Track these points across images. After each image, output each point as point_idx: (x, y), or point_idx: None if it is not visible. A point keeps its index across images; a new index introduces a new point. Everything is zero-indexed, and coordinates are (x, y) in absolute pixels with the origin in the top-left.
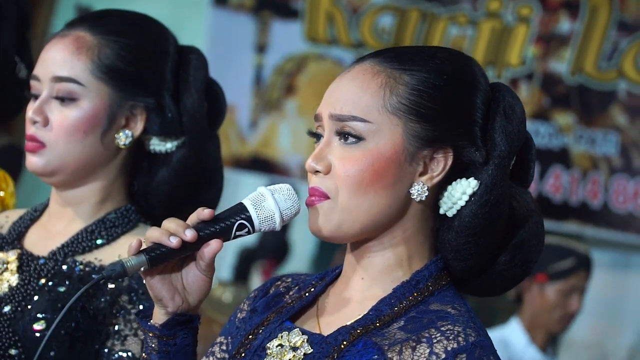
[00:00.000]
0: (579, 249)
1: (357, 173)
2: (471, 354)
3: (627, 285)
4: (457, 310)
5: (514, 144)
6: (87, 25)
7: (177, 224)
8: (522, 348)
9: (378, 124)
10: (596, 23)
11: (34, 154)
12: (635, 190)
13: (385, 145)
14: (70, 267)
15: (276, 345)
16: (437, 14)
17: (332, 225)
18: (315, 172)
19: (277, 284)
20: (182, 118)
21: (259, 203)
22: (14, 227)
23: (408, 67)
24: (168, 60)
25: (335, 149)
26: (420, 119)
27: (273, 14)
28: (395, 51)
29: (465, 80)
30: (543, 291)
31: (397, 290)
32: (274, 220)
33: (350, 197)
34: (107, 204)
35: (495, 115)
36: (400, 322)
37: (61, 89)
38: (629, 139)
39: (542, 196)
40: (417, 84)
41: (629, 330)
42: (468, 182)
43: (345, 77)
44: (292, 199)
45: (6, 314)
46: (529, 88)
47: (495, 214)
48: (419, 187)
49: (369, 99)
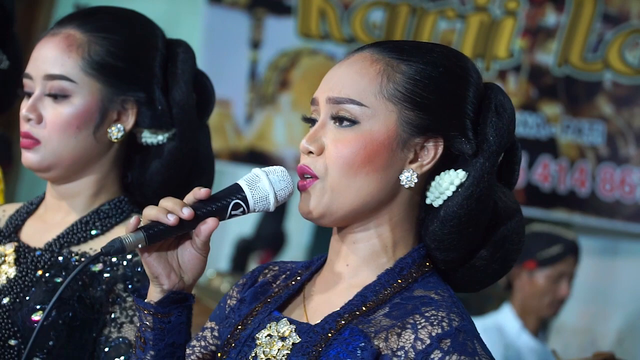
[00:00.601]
0: (566, 236)
1: (349, 155)
2: (455, 338)
3: (615, 271)
4: (440, 295)
5: (503, 140)
6: (77, 23)
7: (174, 203)
8: (515, 333)
9: (374, 108)
10: (581, 15)
11: (29, 150)
12: (621, 178)
13: (379, 129)
14: (66, 258)
15: (265, 335)
16: (427, 8)
17: (322, 206)
18: (308, 152)
19: (264, 272)
20: (172, 110)
21: (254, 183)
22: (10, 220)
23: (406, 58)
24: (157, 55)
25: (329, 131)
26: (415, 107)
27: (267, 10)
28: (394, 43)
29: (459, 75)
30: (532, 277)
31: (382, 277)
32: (268, 200)
33: (341, 177)
34: (101, 196)
35: (487, 111)
36: (385, 308)
37: (53, 87)
38: (615, 128)
39: (531, 185)
40: (414, 73)
41: (618, 315)
42: (456, 173)
43: (344, 63)
44: (286, 180)
45: (5, 305)
46: (516, 80)
47: (480, 207)
48: (408, 174)
49: (366, 84)
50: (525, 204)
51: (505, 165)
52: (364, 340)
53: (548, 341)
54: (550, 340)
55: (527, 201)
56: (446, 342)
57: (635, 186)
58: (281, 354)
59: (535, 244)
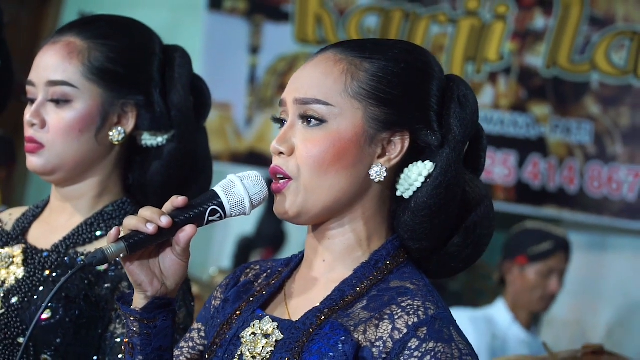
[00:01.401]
0: (557, 233)
1: (319, 154)
2: (431, 326)
3: (604, 265)
4: (416, 285)
5: (467, 130)
6: (77, 30)
7: (153, 212)
8: (506, 326)
9: (340, 107)
10: (569, 19)
11: (33, 154)
12: (609, 176)
13: (347, 127)
14: (72, 258)
15: (249, 333)
16: (419, 13)
17: (296, 206)
18: (279, 153)
19: (246, 272)
20: (170, 113)
21: (229, 189)
22: (17, 223)
23: (368, 55)
24: (154, 60)
25: (298, 132)
26: (380, 104)
27: (265, 17)
28: (356, 42)
29: (421, 69)
30: (523, 273)
31: (358, 271)
32: (244, 205)
33: (312, 176)
34: (104, 197)
35: (450, 103)
36: (363, 301)
37: (56, 92)
38: (603, 128)
39: (522, 183)
40: (377, 70)
41: (607, 308)
42: (424, 164)
43: (309, 65)
44: (260, 185)
45: (14, 304)
46: (507, 81)
47: (449, 196)
48: (377, 168)
49: (331, 83)
50: (516, 202)
51: (471, 153)
52: (344, 334)
53: (539, 334)
54: (541, 333)
55: (518, 198)
56: (422, 330)
57: (622, 183)
58: (265, 351)
59: (527, 240)
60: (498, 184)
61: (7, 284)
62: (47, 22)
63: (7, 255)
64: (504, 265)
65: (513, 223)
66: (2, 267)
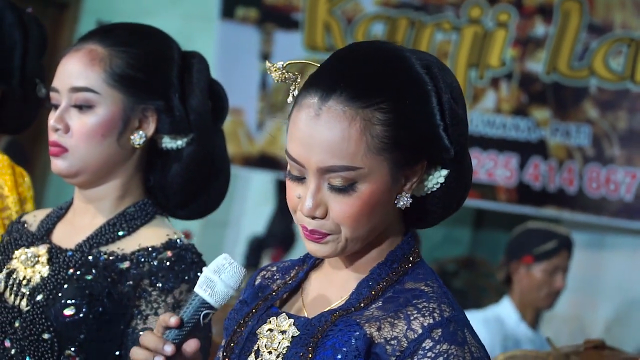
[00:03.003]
0: (560, 232)
1: (356, 214)
2: (446, 328)
3: (602, 263)
4: (430, 287)
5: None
6: (98, 38)
7: (155, 342)
8: (514, 325)
9: (367, 166)
10: (568, 26)
11: (57, 158)
12: (607, 177)
13: (376, 182)
14: (95, 257)
15: (266, 329)
16: (424, 21)
17: (339, 250)
18: (313, 217)
19: (262, 274)
20: (189, 117)
21: (212, 289)
22: (42, 224)
23: (375, 102)
24: (173, 65)
25: (327, 195)
26: (399, 148)
27: (276, 25)
28: (351, 84)
29: (419, 92)
30: (530, 271)
31: (374, 272)
32: (229, 295)
33: (353, 232)
34: (126, 199)
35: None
36: (378, 302)
37: (79, 98)
38: (601, 131)
39: (523, 184)
40: (388, 118)
41: (605, 304)
42: (439, 172)
43: (320, 124)
44: (237, 272)
45: (39, 302)
46: (508, 87)
47: (464, 186)
48: (404, 198)
49: (354, 147)
50: (517, 202)
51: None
52: (358, 329)
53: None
54: (542, 329)
55: (520, 199)
56: (437, 331)
57: (620, 184)
58: (282, 346)
59: (532, 240)
60: (500, 185)
61: (32, 282)
62: (65, 31)
63: (32, 254)
64: (511, 265)
65: (515, 223)
66: (27, 266)
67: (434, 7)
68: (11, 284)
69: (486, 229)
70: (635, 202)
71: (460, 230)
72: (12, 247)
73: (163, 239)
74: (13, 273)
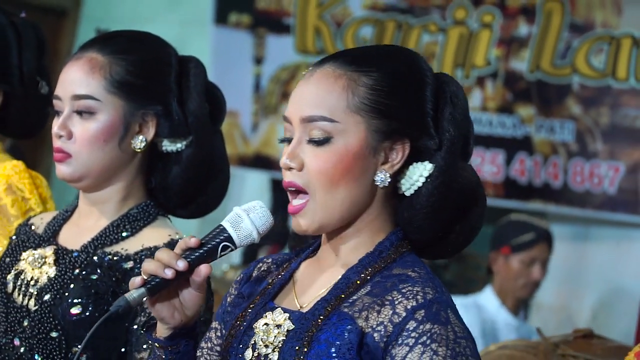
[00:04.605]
0: (539, 224)
1: (329, 170)
2: (429, 309)
3: (587, 254)
4: (417, 272)
5: (461, 128)
6: (98, 47)
7: (170, 256)
8: (494, 311)
9: (344, 123)
10: (551, 26)
11: (61, 163)
12: (590, 171)
13: (352, 142)
14: (100, 257)
15: (262, 324)
16: (411, 23)
17: (315, 224)
18: (289, 168)
19: (258, 266)
20: (187, 120)
21: (237, 224)
22: (48, 226)
23: (366, 69)
24: (171, 71)
25: (306, 148)
26: (380, 115)
27: (268, 30)
28: (352, 54)
29: (416, 77)
30: (508, 262)
31: (363, 260)
32: (252, 237)
33: (325, 192)
34: (129, 201)
35: (444, 104)
36: (367, 287)
37: (80, 105)
38: (584, 126)
39: (509, 179)
40: (375, 84)
41: (590, 293)
42: (424, 165)
43: (311, 81)
44: (265, 216)
45: (47, 301)
46: (494, 85)
47: (449, 193)
48: (382, 175)
49: (334, 100)
50: (504, 197)
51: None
52: (350, 322)
53: (528, 319)
54: (530, 318)
55: (506, 194)
56: (420, 312)
57: (603, 178)
58: (278, 340)
59: (511, 232)
60: (487, 180)
61: (40, 283)
62: (64, 38)
63: (39, 255)
64: (490, 256)
65: (502, 217)
66: (35, 266)
67: (420, 9)
68: (19, 284)
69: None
70: (618, 195)
71: None
72: (20, 249)
73: (165, 239)
74: (21, 274)
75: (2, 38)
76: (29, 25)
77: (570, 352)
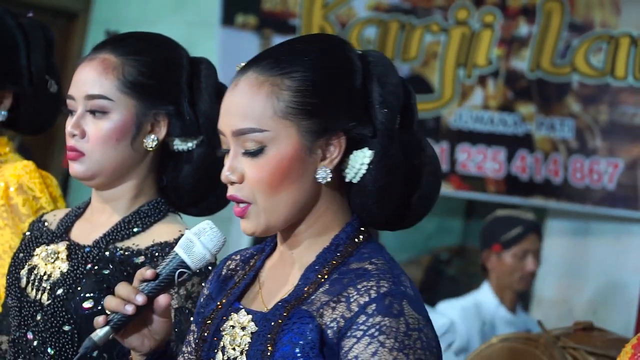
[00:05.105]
0: (525, 217)
1: (267, 178)
2: (381, 302)
3: (587, 249)
4: (375, 264)
5: (394, 108)
6: (111, 48)
7: (129, 291)
8: (493, 309)
9: (274, 130)
10: (550, 26)
11: (75, 161)
12: (590, 168)
13: (285, 147)
14: (112, 252)
15: (229, 326)
16: (414, 24)
17: (261, 226)
18: (231, 182)
19: (227, 264)
20: (199, 120)
21: (190, 249)
22: (61, 222)
23: (287, 71)
24: (182, 72)
25: (243, 160)
26: (309, 116)
27: (273, 30)
28: (272, 55)
29: (341, 68)
30: (501, 258)
31: (320, 257)
32: (206, 258)
33: (267, 199)
34: (140, 198)
35: (373, 87)
36: (325, 285)
37: (94, 105)
38: (583, 124)
39: (511, 176)
40: (298, 85)
41: (590, 287)
42: (363, 152)
43: (236, 91)
44: (216, 237)
45: (59, 295)
46: (495, 84)
47: (393, 174)
48: (322, 171)
49: (260, 110)
50: (506, 193)
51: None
52: (310, 320)
53: (530, 312)
54: (531, 312)
55: (508, 190)
56: (371, 307)
57: (603, 174)
58: (244, 342)
59: (499, 228)
60: (489, 177)
61: (53, 277)
62: (74, 40)
63: (52, 251)
64: (483, 254)
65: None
66: (48, 262)
67: (423, 10)
68: (33, 279)
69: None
70: (617, 191)
71: (453, 220)
72: (33, 245)
73: (176, 234)
74: (34, 269)
75: (10, 40)
76: (36, 25)
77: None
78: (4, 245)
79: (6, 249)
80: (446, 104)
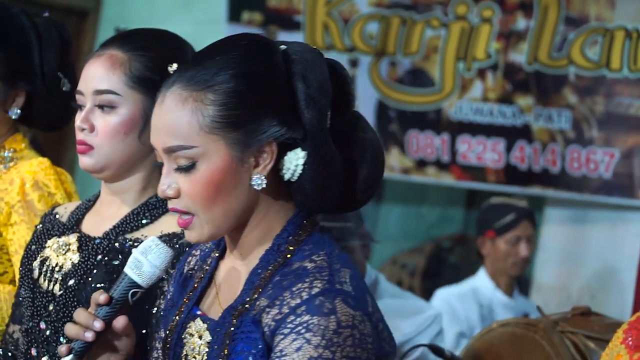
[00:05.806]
0: (518, 204)
1: (201, 192)
2: (311, 303)
3: (585, 236)
4: (314, 262)
5: (322, 105)
6: (118, 44)
7: (86, 317)
8: (490, 294)
9: (202, 145)
10: (547, 20)
11: (84, 155)
12: (587, 157)
13: (216, 161)
14: (121, 244)
15: (189, 334)
16: (415, 19)
17: (206, 234)
18: (168, 198)
19: (188, 260)
20: None
21: (139, 269)
22: (72, 215)
23: (210, 85)
24: None
25: (177, 176)
26: (235, 128)
27: (278, 27)
28: (195, 67)
29: (263, 75)
30: (495, 244)
31: (263, 259)
32: (156, 275)
33: (205, 211)
34: (148, 190)
35: (297, 87)
36: (268, 289)
37: (102, 100)
38: (580, 115)
39: (510, 166)
40: (222, 98)
41: (588, 273)
42: (296, 153)
43: (162, 109)
44: (163, 253)
45: (71, 286)
46: (494, 77)
47: (330, 171)
48: (257, 178)
49: (187, 127)
50: (505, 183)
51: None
52: (257, 329)
53: (529, 298)
54: (531, 298)
55: (507, 180)
56: (301, 308)
57: (599, 163)
58: (202, 352)
59: (492, 216)
60: (489, 167)
61: (64, 269)
62: (86, 38)
63: (64, 243)
64: (478, 240)
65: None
66: (59, 253)
67: (423, 6)
68: (45, 270)
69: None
70: (613, 180)
71: (454, 210)
72: (45, 237)
73: None
74: (46, 261)
75: (24, 40)
76: (51, 24)
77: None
78: (20, 240)
79: (22, 244)
80: (447, 97)
